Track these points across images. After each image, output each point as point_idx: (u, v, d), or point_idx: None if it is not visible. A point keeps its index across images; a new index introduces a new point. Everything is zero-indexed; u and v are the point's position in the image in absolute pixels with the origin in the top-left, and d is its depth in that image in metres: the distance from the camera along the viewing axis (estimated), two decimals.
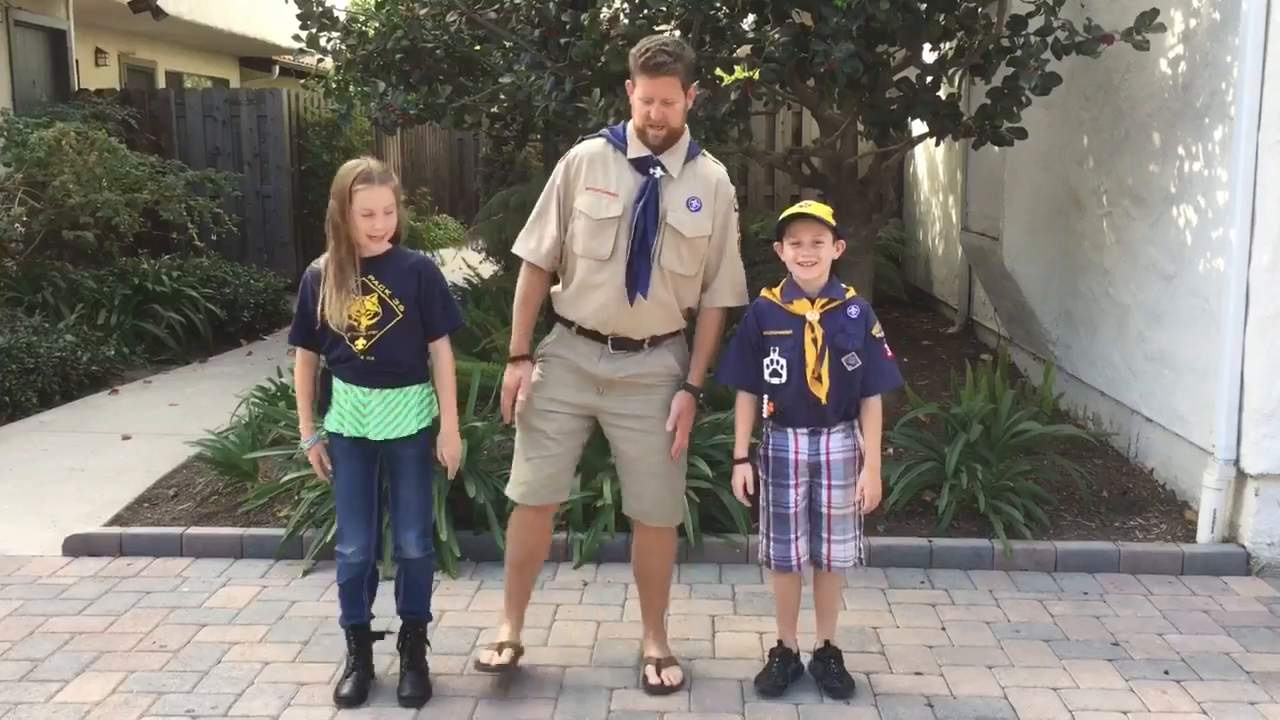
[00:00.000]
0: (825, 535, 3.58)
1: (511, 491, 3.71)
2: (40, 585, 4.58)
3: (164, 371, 8.35)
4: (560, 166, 3.60)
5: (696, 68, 4.53)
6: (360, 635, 3.74)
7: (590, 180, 3.52)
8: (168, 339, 8.73)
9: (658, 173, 3.49)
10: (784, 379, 3.49)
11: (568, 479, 3.73)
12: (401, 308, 3.53)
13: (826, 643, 3.75)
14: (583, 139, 3.68)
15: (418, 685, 3.68)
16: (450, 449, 3.67)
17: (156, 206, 9.16)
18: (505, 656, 3.68)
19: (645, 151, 3.50)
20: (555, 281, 3.68)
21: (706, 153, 3.66)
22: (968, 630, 4.17)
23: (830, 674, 3.69)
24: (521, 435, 3.68)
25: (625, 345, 3.55)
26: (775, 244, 3.56)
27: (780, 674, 3.70)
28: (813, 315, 3.47)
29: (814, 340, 3.45)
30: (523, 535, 3.76)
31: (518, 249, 3.65)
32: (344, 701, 3.62)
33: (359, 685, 3.67)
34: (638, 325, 3.53)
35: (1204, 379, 4.90)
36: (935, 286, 9.61)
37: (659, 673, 3.69)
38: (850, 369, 3.49)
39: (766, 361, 3.52)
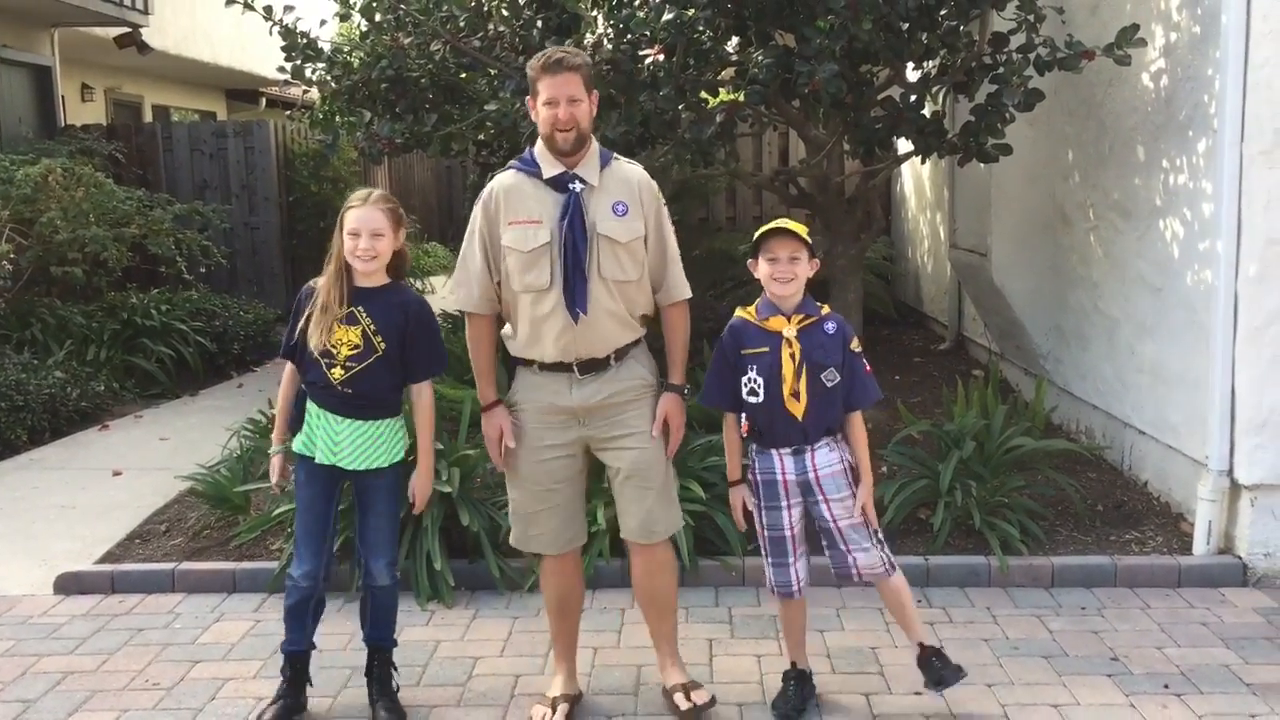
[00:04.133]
0: (845, 548, 3.55)
1: (527, 544, 3.66)
2: (32, 625, 4.55)
3: (154, 406, 8.31)
4: (477, 208, 3.53)
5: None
6: (298, 664, 3.72)
7: (511, 214, 3.46)
8: (158, 373, 8.69)
9: (577, 186, 3.44)
10: (760, 398, 3.47)
11: (580, 520, 3.69)
12: (383, 345, 3.52)
13: (921, 645, 3.65)
14: (493, 175, 3.65)
15: (392, 710, 3.67)
16: (422, 491, 3.69)
17: (144, 240, 9.14)
18: (559, 715, 3.62)
19: (559, 168, 3.45)
20: (502, 324, 3.63)
21: (619, 156, 3.62)
22: (966, 648, 4.14)
23: (935, 669, 3.60)
24: (521, 490, 3.61)
25: (593, 367, 3.49)
26: (750, 261, 3.55)
27: (796, 696, 3.67)
28: (789, 331, 3.46)
29: (791, 356, 3.44)
30: (554, 581, 3.72)
31: (453, 302, 3.62)
32: None
33: (280, 715, 3.62)
34: (598, 343, 3.47)
35: (1195, 390, 4.90)
36: (925, 303, 9.62)
37: (689, 697, 3.63)
38: (830, 385, 3.48)
39: (744, 380, 3.50)
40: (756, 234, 3.51)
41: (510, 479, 3.65)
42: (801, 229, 3.46)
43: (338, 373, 3.50)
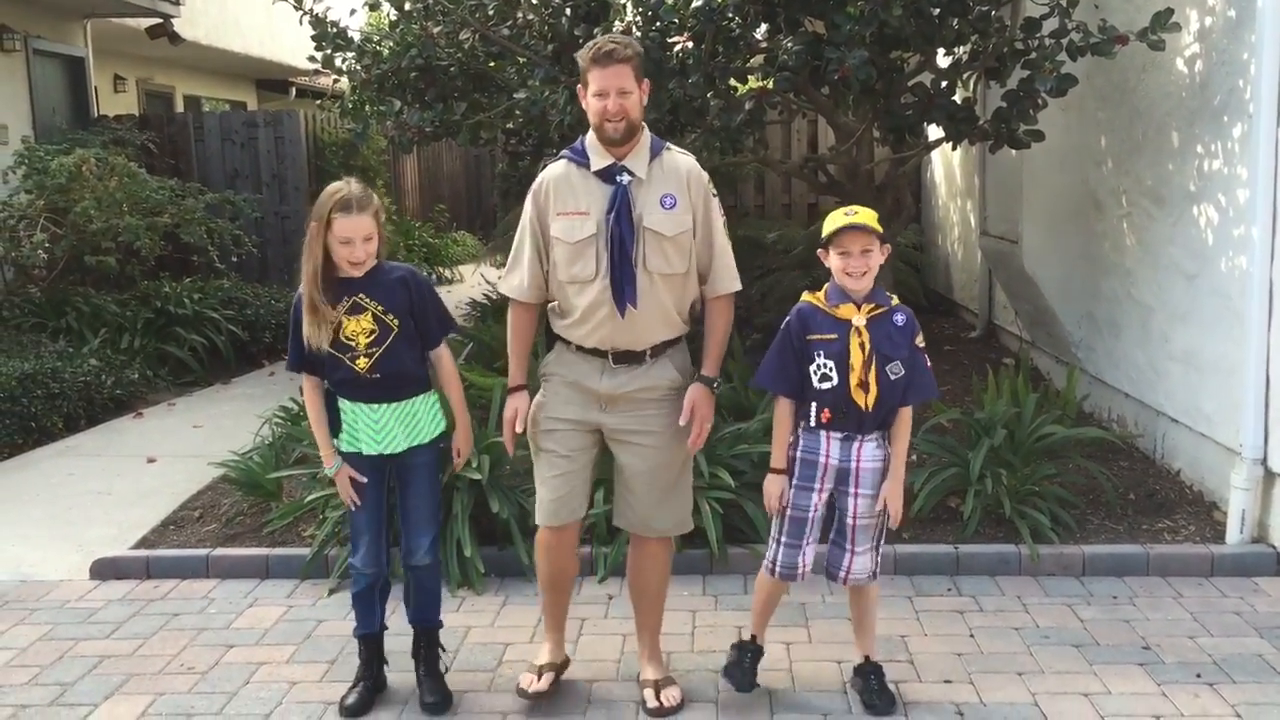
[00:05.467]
0: (849, 547, 3.54)
1: (536, 514, 3.71)
2: (68, 609, 4.61)
3: (187, 394, 8.40)
4: (529, 198, 3.55)
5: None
6: (371, 646, 3.77)
7: (560, 205, 3.47)
8: (190, 361, 8.78)
9: (625, 179, 3.43)
10: (835, 382, 3.40)
11: (583, 496, 3.66)
12: (396, 321, 3.54)
13: (866, 657, 3.70)
14: (544, 164, 3.65)
15: (437, 691, 3.72)
16: (464, 444, 3.75)
17: (177, 230, 9.23)
18: (544, 682, 3.66)
19: (609, 160, 3.45)
20: (544, 313, 3.66)
21: (672, 146, 3.60)
22: (996, 637, 4.13)
23: (870, 689, 3.63)
24: (536, 457, 3.67)
25: (627, 359, 3.50)
26: (820, 251, 3.48)
27: (752, 668, 3.69)
28: (859, 320, 3.40)
29: (860, 345, 3.38)
30: (547, 555, 3.73)
31: (503, 287, 3.65)
32: (347, 711, 3.65)
33: (363, 696, 3.70)
34: (637, 337, 3.48)
35: (1229, 378, 4.86)
36: (955, 291, 9.57)
37: (658, 695, 3.64)
38: (894, 378, 3.41)
39: (814, 367, 3.42)
40: (827, 228, 3.41)
41: (531, 446, 3.68)
42: (872, 219, 3.39)
43: (363, 363, 3.52)
